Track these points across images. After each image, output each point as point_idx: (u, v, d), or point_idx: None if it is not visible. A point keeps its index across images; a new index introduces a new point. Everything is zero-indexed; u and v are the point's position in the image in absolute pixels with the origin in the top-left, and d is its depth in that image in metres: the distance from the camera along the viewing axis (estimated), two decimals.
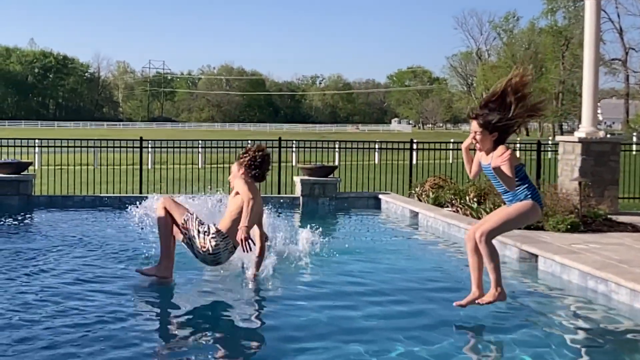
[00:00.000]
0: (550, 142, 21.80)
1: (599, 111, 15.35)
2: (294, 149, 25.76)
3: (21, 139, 19.54)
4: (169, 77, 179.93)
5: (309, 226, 10.46)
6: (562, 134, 67.68)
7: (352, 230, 13.60)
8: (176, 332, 6.92)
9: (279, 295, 8.27)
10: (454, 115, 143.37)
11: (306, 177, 17.01)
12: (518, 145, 26.46)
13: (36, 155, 24.80)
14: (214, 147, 21.39)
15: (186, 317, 7.33)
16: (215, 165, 23.62)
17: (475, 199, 13.78)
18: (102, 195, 16.64)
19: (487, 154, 6.66)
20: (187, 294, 8.19)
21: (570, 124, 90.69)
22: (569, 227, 11.38)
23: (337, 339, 6.39)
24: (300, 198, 16.74)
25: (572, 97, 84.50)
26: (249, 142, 22.67)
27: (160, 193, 13.66)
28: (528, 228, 11.58)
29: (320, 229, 10.55)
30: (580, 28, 59.06)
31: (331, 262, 9.67)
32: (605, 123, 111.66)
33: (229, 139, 21.57)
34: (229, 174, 8.88)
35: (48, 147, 20.39)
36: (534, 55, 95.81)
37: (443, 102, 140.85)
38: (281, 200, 15.82)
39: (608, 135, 15.52)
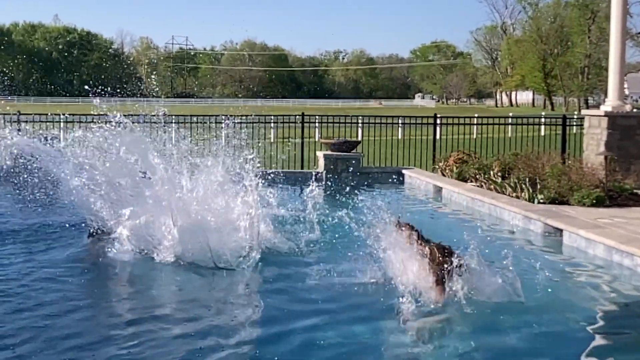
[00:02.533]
0: (575, 117, 21.58)
1: (625, 85, 15.16)
2: (316, 124, 25.71)
3: (47, 114, 19.71)
4: (192, 53, 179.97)
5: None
6: (587, 108, 66.96)
7: (373, 205, 13.58)
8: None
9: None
10: (478, 89, 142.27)
11: (329, 152, 17.00)
12: (543, 119, 26.21)
13: (61, 131, 24.98)
14: (237, 123, 21.40)
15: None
16: (238, 141, 23.62)
17: (499, 174, 13.72)
18: None
19: None
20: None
21: (596, 98, 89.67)
22: (594, 201, 11.31)
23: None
24: (323, 173, 16.74)
25: (597, 71, 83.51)
26: (272, 117, 22.76)
27: None
28: (553, 202, 11.55)
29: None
30: (607, 1, 58.15)
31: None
32: (631, 97, 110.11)
33: (252, 114, 21.55)
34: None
35: (73, 122, 20.53)
36: (559, 29, 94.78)
37: (467, 77, 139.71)
38: (304, 176, 15.82)
39: (634, 110, 15.32)
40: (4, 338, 5.82)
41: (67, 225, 9.92)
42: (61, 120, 22.72)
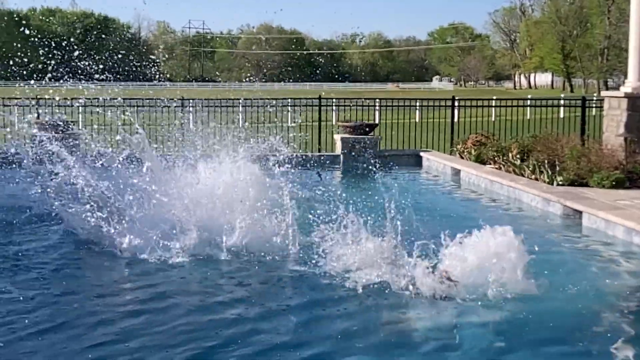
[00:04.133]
0: (595, 98, 21.40)
1: None
2: (333, 107, 25.67)
3: (65, 98, 19.78)
4: (209, 37, 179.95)
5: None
6: (607, 90, 66.28)
7: (391, 187, 13.55)
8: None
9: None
10: (497, 72, 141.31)
11: (346, 135, 16.98)
12: (562, 101, 26.03)
13: (80, 115, 25.07)
14: (255, 106, 21.43)
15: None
16: (256, 124, 23.64)
17: (518, 156, 13.66)
18: None
19: None
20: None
21: (615, 80, 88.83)
22: (613, 183, 11.24)
23: None
24: (341, 156, 16.74)
25: (617, 52, 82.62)
26: (289, 100, 22.78)
27: None
28: (572, 184, 11.50)
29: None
30: None
31: None
32: None
33: (270, 98, 21.57)
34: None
35: (92, 106, 20.60)
36: (578, 10, 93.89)
37: (485, 59, 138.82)
38: (322, 158, 15.82)
39: None
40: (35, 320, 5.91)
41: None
42: (80, 105, 22.84)
